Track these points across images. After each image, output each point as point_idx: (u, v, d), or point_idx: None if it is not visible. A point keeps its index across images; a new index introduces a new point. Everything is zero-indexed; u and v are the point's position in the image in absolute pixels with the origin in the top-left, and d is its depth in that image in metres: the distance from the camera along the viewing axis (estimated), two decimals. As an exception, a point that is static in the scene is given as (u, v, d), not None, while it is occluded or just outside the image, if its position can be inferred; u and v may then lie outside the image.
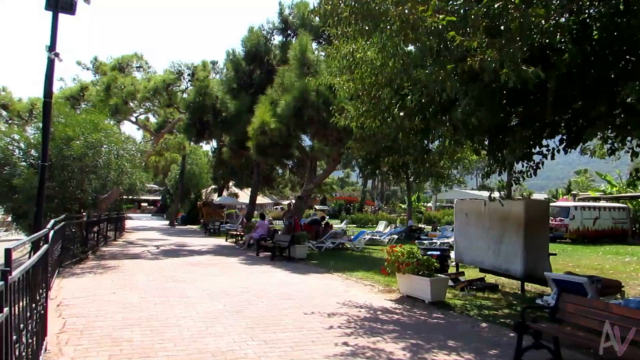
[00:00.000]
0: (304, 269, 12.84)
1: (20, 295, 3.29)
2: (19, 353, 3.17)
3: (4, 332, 2.60)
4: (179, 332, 6.27)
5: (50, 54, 8.22)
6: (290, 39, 21.85)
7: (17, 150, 13.48)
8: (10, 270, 2.78)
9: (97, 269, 11.83)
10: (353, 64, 8.53)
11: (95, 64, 23.88)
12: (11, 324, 2.82)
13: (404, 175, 25.43)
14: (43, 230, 5.46)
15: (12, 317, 2.88)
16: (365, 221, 38.43)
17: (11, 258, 2.89)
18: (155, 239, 22.98)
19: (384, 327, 6.80)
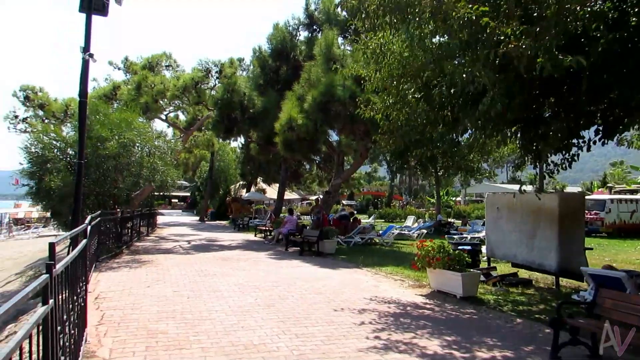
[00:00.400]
0: (333, 263, 12.86)
1: (63, 288, 3.41)
2: (62, 343, 3.29)
3: (49, 323, 2.70)
4: (212, 325, 6.39)
5: (85, 55, 8.45)
6: (315, 34, 21.84)
7: (55, 149, 13.92)
8: (54, 264, 2.88)
9: (132, 264, 12.14)
10: (380, 57, 8.48)
11: (126, 64, 24.45)
12: (56, 315, 2.93)
13: (432, 169, 25.20)
14: (82, 226, 5.64)
15: (57, 308, 2.99)
16: (393, 216, 38.19)
17: (55, 252, 3.00)
18: (186, 234, 23.43)
19: (415, 322, 6.76)
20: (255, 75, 22.63)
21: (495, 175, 46.64)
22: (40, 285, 2.55)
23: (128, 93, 21.85)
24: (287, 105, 17.58)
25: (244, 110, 20.88)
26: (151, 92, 21.67)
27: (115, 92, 22.74)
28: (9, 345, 1.93)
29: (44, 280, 2.60)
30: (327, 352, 5.33)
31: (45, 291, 2.64)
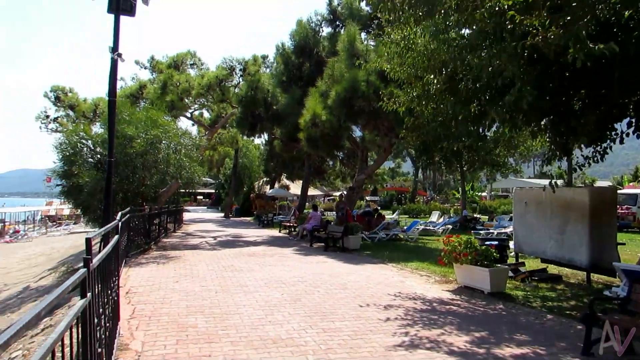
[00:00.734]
0: (358, 259, 12.86)
1: (98, 282, 3.51)
2: (99, 335, 3.39)
3: (87, 315, 2.79)
4: (240, 319, 6.47)
5: (114, 55, 8.63)
6: (338, 30, 21.80)
7: (85, 148, 14.27)
8: (91, 258, 2.97)
9: (160, 259, 12.38)
10: (404, 50, 8.43)
11: (152, 63, 24.88)
12: (93, 308, 3.02)
13: (457, 164, 24.88)
14: (114, 222, 5.79)
15: (94, 301, 3.08)
16: (417, 211, 37.91)
17: (91, 247, 3.08)
18: (212, 230, 23.74)
19: (442, 318, 6.71)
20: (278, 72, 22.74)
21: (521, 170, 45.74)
22: (79, 279, 2.63)
23: (154, 92, 22.23)
24: (310, 101, 17.61)
25: (268, 107, 21.01)
26: (176, 90, 21.99)
27: (141, 91, 23.16)
28: (52, 337, 2.01)
29: (82, 274, 2.69)
30: (354, 347, 5.35)
31: (83, 285, 2.72)
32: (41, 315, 1.87)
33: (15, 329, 1.60)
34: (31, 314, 1.80)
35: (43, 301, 2.01)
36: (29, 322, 1.74)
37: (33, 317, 1.78)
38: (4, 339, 1.51)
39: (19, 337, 1.64)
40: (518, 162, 51.57)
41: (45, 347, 1.88)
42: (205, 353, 5.12)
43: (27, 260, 26.61)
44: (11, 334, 1.57)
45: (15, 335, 1.59)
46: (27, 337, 8.13)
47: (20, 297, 15.81)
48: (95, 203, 13.29)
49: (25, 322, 1.70)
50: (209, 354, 5.10)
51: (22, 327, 1.66)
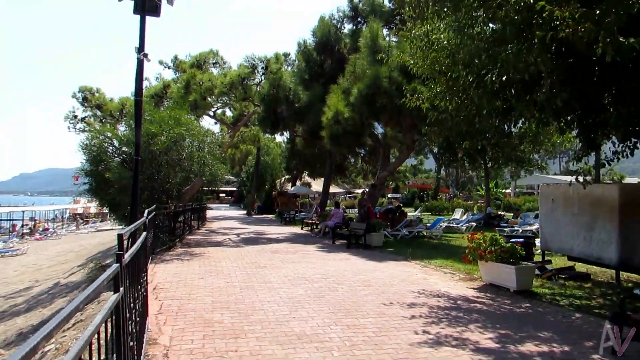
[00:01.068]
0: (381, 256, 12.83)
1: (129, 277, 3.59)
2: (130, 329, 3.47)
3: (120, 309, 2.86)
4: (264, 315, 6.54)
5: (139, 55, 8.79)
6: (360, 26, 21.72)
7: (111, 147, 14.56)
8: (123, 254, 3.04)
9: (185, 256, 12.57)
10: (427, 46, 8.36)
11: (175, 62, 25.23)
12: (125, 302, 3.10)
13: (481, 160, 24.56)
14: (142, 219, 5.91)
15: (126, 296, 3.16)
16: (440, 209, 37.53)
17: (123, 243, 3.16)
18: (235, 227, 23.98)
19: (467, 316, 6.66)
20: (300, 70, 22.79)
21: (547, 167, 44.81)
22: (112, 274, 2.70)
23: (178, 91, 22.54)
24: (332, 98, 17.61)
25: (290, 105, 21.09)
26: (199, 89, 22.25)
27: (165, 91, 23.50)
28: (89, 329, 2.07)
29: (115, 269, 2.76)
30: (379, 344, 5.35)
31: (116, 279, 2.79)
32: (80, 307, 1.93)
33: (57, 320, 1.66)
34: (71, 306, 1.87)
35: (81, 294, 2.07)
36: (69, 314, 1.80)
37: (73, 310, 1.85)
38: (48, 330, 1.57)
39: (60, 328, 1.70)
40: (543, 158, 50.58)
41: (83, 339, 1.94)
42: (232, 348, 5.19)
43: (56, 257, 27.35)
44: (54, 325, 1.63)
45: (57, 327, 1.65)
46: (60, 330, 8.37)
47: (50, 293, 16.27)
48: (122, 201, 13.56)
49: (66, 314, 1.76)
50: (235, 349, 5.17)
51: (64, 319, 1.72)
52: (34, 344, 1.44)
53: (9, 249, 32.36)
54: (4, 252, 30.89)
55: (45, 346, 6.93)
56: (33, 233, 44.23)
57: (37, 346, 1.45)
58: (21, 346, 1.40)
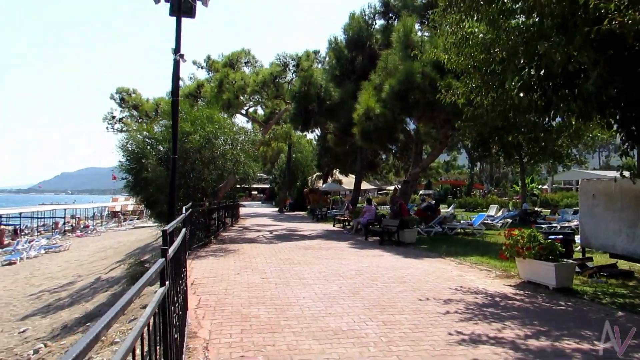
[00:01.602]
0: (415, 253, 12.74)
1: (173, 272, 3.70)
2: (174, 322, 3.58)
3: (166, 303, 2.97)
4: (300, 311, 6.61)
5: (176, 56, 8.99)
6: (392, 22, 21.55)
7: (149, 146, 14.95)
8: (167, 249, 3.15)
9: (220, 252, 12.80)
10: (462, 40, 8.24)
11: (208, 62, 25.67)
12: (170, 296, 3.20)
13: (516, 156, 23.98)
14: (182, 216, 6.06)
15: (170, 290, 3.27)
16: (474, 205, 36.93)
17: (168, 238, 3.27)
18: (268, 224, 24.24)
19: (505, 313, 6.55)
20: (331, 67, 22.83)
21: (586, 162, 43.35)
22: (160, 268, 2.80)
23: (211, 90, 22.93)
24: (364, 95, 17.56)
25: (321, 102, 21.14)
26: (232, 88, 22.57)
27: (199, 90, 23.96)
28: (140, 321, 2.16)
29: (161, 263, 2.86)
30: (415, 341, 5.33)
31: (162, 274, 2.89)
32: (133, 299, 2.02)
33: (114, 311, 1.75)
34: (125, 298, 1.95)
35: (133, 287, 2.16)
36: (124, 306, 1.89)
37: (127, 302, 1.93)
38: (107, 320, 1.66)
39: (117, 319, 1.78)
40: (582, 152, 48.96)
41: (136, 329, 2.03)
42: (269, 342, 5.27)
43: (97, 253, 28.32)
44: (112, 316, 1.71)
45: (114, 317, 1.73)
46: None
47: (92, 288, 16.88)
48: (160, 198, 13.90)
49: (121, 306, 1.85)
50: (272, 343, 5.25)
51: (120, 310, 1.81)
52: (96, 332, 1.52)
53: (52, 246, 33.72)
54: (48, 249, 32.21)
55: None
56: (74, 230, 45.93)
57: (99, 334, 1.53)
58: (85, 335, 1.48)
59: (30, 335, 11.96)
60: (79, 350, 1.35)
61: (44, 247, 32.36)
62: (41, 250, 31.19)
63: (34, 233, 43.78)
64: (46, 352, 9.20)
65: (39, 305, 15.90)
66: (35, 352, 9.46)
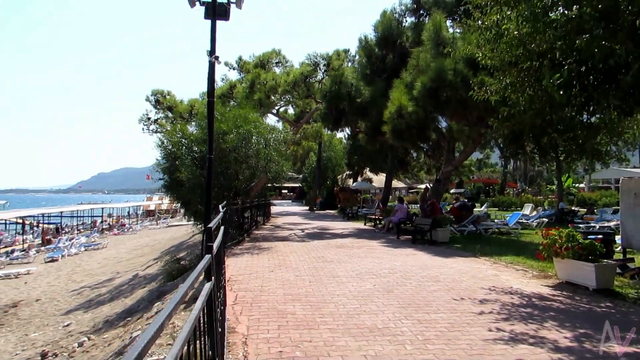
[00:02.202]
0: (448, 252, 12.63)
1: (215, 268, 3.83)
2: (217, 316, 3.71)
3: (213, 297, 3.08)
4: (335, 308, 6.68)
5: (211, 58, 9.17)
6: (422, 19, 21.36)
7: (184, 146, 15.30)
8: (212, 246, 3.27)
9: (254, 250, 13.01)
10: (496, 36, 8.12)
11: (239, 64, 26.04)
12: (215, 290, 3.33)
13: (552, 154, 23.38)
14: (221, 214, 6.23)
15: (215, 285, 3.39)
16: (508, 204, 36.17)
17: (212, 235, 3.39)
18: (299, 223, 24.42)
19: (543, 314, 6.45)
20: (361, 65, 22.81)
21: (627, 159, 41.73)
22: (206, 264, 2.91)
23: (243, 91, 23.26)
24: (395, 93, 17.48)
25: (352, 101, 21.14)
26: (264, 88, 22.82)
27: (231, 91, 24.32)
28: (193, 314, 2.27)
29: (207, 260, 2.97)
30: (452, 339, 5.32)
31: (208, 270, 3.01)
32: (188, 293, 2.13)
33: (173, 303, 1.85)
34: (180, 292, 2.06)
35: (185, 282, 2.27)
36: (180, 300, 2.00)
37: (182, 295, 2.04)
38: (168, 311, 1.76)
39: (176, 309, 1.89)
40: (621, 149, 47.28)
41: (189, 322, 2.14)
42: (306, 338, 5.36)
43: (133, 250, 29.15)
44: (172, 307, 1.82)
45: (174, 308, 1.84)
46: (144, 319, 8.99)
47: (131, 284, 17.40)
48: (194, 198, 14.22)
49: (178, 300, 1.95)
50: (309, 339, 5.34)
51: (178, 302, 1.91)
52: (160, 322, 1.62)
53: (91, 243, 34.90)
54: (87, 246, 33.36)
55: (134, 331, 7.48)
56: (111, 228, 47.37)
57: (162, 324, 1.64)
58: (151, 324, 1.58)
59: (74, 329, 12.45)
60: (148, 338, 1.45)
61: (84, 245, 33.56)
62: (81, 248, 32.36)
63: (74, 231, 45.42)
64: (90, 345, 9.57)
65: (81, 300, 16.52)
66: (80, 345, 9.86)
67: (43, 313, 15.55)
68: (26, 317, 15.30)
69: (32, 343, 12.21)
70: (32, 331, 13.47)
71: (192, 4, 9.10)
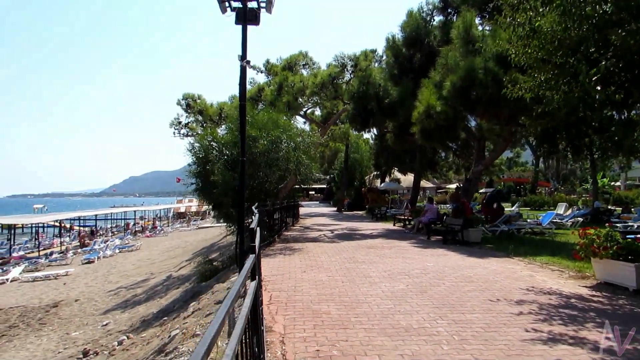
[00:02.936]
0: (480, 252, 12.49)
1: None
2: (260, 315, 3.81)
3: (257, 296, 3.18)
4: (369, 308, 6.72)
5: (243, 62, 9.33)
6: (450, 17, 21.18)
7: (215, 150, 15.57)
8: (256, 246, 3.37)
9: (285, 251, 13.15)
10: (530, 32, 8.02)
11: (267, 66, 26.30)
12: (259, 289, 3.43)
13: (587, 151, 22.81)
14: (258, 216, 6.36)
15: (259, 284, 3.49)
16: (540, 203, 35.40)
17: (256, 236, 3.49)
18: (328, 224, 24.50)
19: (582, 315, 6.33)
20: (389, 65, 22.78)
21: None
22: (252, 263, 3.01)
23: (271, 94, 23.49)
24: (424, 92, 17.37)
25: (379, 102, 21.12)
26: (291, 91, 23.01)
27: (260, 94, 24.60)
28: (244, 311, 2.36)
29: (253, 260, 3.07)
30: (489, 340, 5.29)
31: (254, 269, 3.11)
32: (241, 291, 2.22)
33: (230, 300, 1.95)
34: (234, 290, 2.15)
35: (237, 280, 2.37)
36: (235, 296, 2.09)
37: (236, 292, 2.13)
38: (226, 308, 1.85)
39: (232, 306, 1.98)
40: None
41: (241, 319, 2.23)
42: (342, 338, 5.42)
43: (166, 252, 29.79)
44: (229, 303, 1.91)
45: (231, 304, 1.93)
46: (181, 318, 9.21)
47: (165, 285, 17.81)
48: (226, 200, 14.45)
49: (233, 296, 2.04)
50: (345, 338, 5.39)
51: (233, 299, 2.00)
52: (223, 315, 1.72)
53: (125, 245, 35.82)
54: (121, 248, 34.25)
55: (173, 330, 7.69)
56: (144, 231, 48.49)
57: (223, 320, 1.73)
58: (214, 319, 1.67)
59: (113, 328, 12.85)
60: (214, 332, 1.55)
61: (118, 247, 34.48)
62: (116, 250, 33.27)
63: (108, 234, 46.68)
64: (129, 343, 9.87)
65: (118, 300, 17.01)
66: (120, 344, 10.18)
67: (82, 313, 16.09)
68: (67, 317, 15.86)
69: (73, 341, 12.65)
70: (73, 330, 13.95)
71: (223, 10, 9.29)
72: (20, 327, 15.32)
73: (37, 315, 16.41)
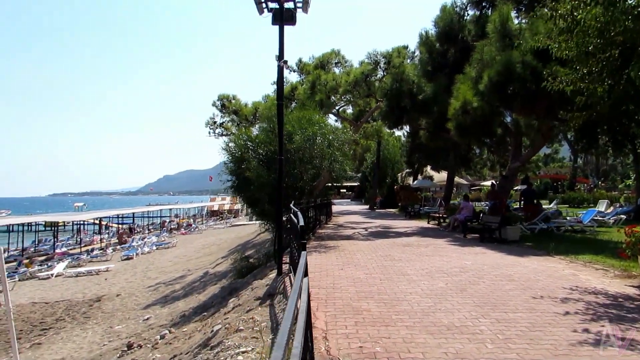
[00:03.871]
0: (519, 251, 12.26)
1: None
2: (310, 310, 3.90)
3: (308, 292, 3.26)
4: (409, 306, 6.72)
5: (280, 63, 9.48)
6: (485, 11, 20.78)
7: (250, 149, 15.81)
8: (305, 244, 3.44)
9: (320, 249, 13.23)
10: (572, 25, 7.82)
11: (299, 65, 26.46)
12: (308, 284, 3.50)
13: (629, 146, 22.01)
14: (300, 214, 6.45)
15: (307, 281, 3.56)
16: (579, 200, 34.31)
17: (305, 233, 3.57)
18: (361, 222, 24.49)
19: (632, 315, 6.16)
20: (422, 62, 22.53)
21: None
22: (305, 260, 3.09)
23: (304, 92, 23.63)
24: (460, 88, 17.13)
25: (413, 98, 20.94)
26: (324, 89, 23.08)
27: (293, 93, 24.78)
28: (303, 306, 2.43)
29: (304, 257, 3.15)
30: (534, 339, 5.22)
31: (306, 265, 3.19)
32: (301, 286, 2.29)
33: (295, 294, 2.02)
34: (296, 286, 2.23)
35: (297, 277, 2.44)
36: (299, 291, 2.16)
37: (299, 288, 2.20)
38: (293, 303, 1.92)
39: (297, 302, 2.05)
40: None
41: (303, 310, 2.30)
42: (384, 335, 5.45)
43: (201, 249, 30.41)
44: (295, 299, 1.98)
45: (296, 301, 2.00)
46: (221, 313, 9.43)
47: (202, 281, 18.21)
48: (261, 197, 14.66)
49: (298, 291, 2.12)
50: (387, 336, 5.42)
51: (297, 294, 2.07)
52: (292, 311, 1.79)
53: (162, 242, 36.75)
54: (158, 245, 35.18)
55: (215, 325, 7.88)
56: (179, 228, 49.58)
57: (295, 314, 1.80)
58: (284, 316, 1.75)
59: (154, 323, 13.24)
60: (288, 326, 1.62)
61: (155, 244, 35.45)
62: (153, 247, 34.21)
63: (145, 231, 47.98)
64: (171, 337, 10.17)
65: (157, 296, 17.50)
66: (162, 338, 10.49)
67: (124, 307, 16.64)
68: (109, 311, 16.43)
69: (117, 335, 13.11)
70: (116, 324, 14.45)
71: (260, 11, 9.44)
72: (66, 320, 15.98)
73: (81, 309, 17.08)
